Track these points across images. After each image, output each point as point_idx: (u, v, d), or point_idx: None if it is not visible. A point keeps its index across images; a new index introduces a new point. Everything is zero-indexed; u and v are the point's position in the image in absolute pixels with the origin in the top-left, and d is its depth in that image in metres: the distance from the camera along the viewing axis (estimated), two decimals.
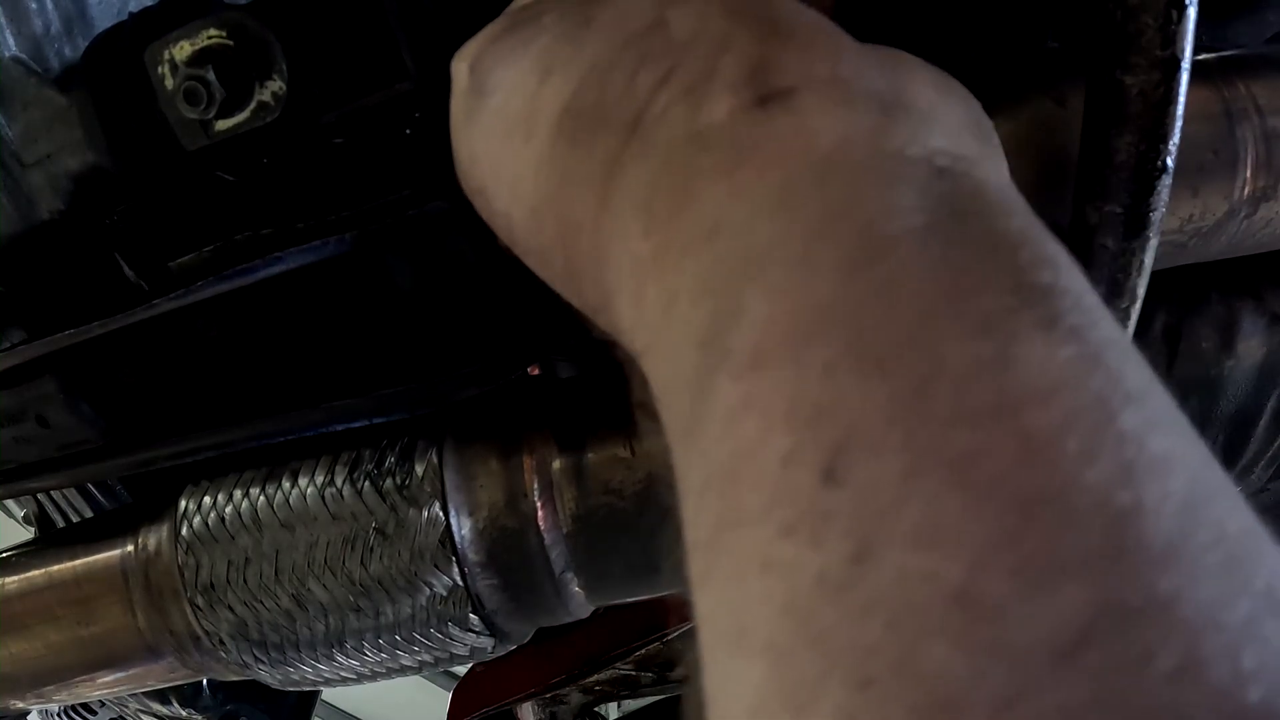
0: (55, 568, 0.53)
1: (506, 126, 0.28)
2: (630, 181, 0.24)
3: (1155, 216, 0.34)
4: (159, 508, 0.51)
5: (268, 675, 0.50)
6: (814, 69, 0.23)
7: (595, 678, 0.84)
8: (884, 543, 0.16)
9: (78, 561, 0.52)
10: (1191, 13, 0.30)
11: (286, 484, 0.47)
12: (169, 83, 0.42)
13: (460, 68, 0.31)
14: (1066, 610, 0.15)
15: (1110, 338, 0.19)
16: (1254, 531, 0.17)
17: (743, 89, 0.23)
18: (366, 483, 0.46)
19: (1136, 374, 0.18)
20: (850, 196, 0.20)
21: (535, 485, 0.46)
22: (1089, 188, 0.35)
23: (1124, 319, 0.37)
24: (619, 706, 0.98)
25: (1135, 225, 0.34)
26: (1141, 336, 0.51)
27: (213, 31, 0.41)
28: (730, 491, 0.18)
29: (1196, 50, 0.32)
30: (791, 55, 0.23)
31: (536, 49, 0.28)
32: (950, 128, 0.23)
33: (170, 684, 0.58)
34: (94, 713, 0.92)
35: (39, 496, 0.68)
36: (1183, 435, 0.18)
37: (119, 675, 0.53)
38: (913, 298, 0.18)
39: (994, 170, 0.23)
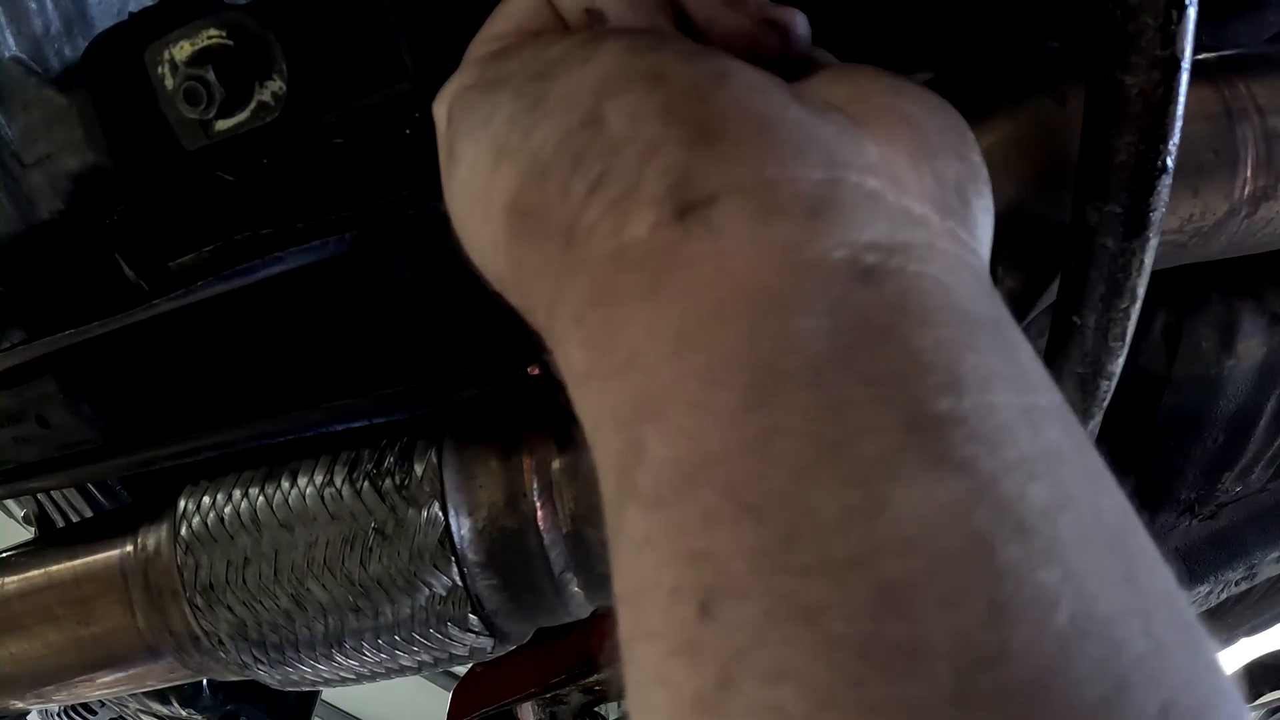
0: (55, 568, 0.53)
1: (470, 201, 0.29)
2: (568, 293, 0.25)
3: (1155, 216, 0.34)
4: (159, 508, 0.51)
5: (267, 675, 0.50)
6: (738, 174, 0.23)
7: (595, 678, 0.84)
8: (743, 675, 0.17)
9: (77, 561, 0.52)
10: (1191, 13, 0.30)
11: (286, 484, 0.47)
12: (169, 83, 0.42)
13: (440, 113, 0.32)
14: None
15: (1014, 459, 0.19)
16: (1160, 644, 0.17)
17: (664, 202, 0.23)
18: (366, 483, 0.46)
19: (1041, 493, 0.18)
20: (751, 333, 0.21)
21: (535, 485, 0.46)
22: (1089, 188, 0.35)
23: (1124, 319, 0.37)
24: (619, 706, 0.98)
25: (1135, 225, 0.34)
26: (1141, 337, 0.51)
27: (213, 31, 0.41)
28: (636, 610, 0.20)
29: (1196, 50, 0.32)
30: (716, 161, 0.23)
31: (492, 129, 0.28)
32: (900, 202, 0.23)
33: (170, 684, 0.58)
34: (94, 713, 0.92)
35: (39, 496, 0.68)
36: (1090, 548, 0.18)
37: (119, 675, 0.53)
38: (791, 447, 0.19)
39: (941, 254, 0.23)
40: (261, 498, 0.47)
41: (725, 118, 0.24)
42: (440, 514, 0.45)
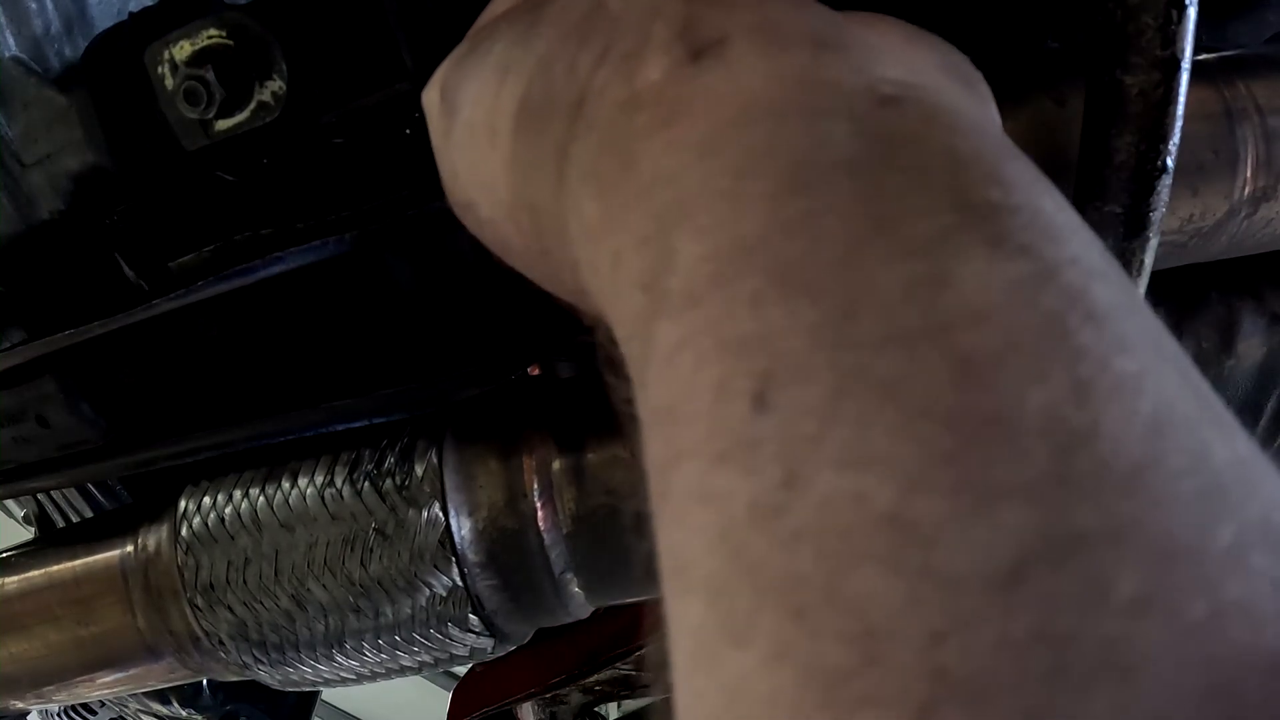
0: (55, 568, 0.53)
1: (476, 135, 0.29)
2: (578, 155, 0.24)
3: (1155, 216, 0.34)
4: (159, 508, 0.51)
5: (267, 676, 0.50)
6: (742, 16, 0.23)
7: (595, 678, 0.84)
8: (812, 467, 0.15)
9: (77, 562, 0.52)
10: (1191, 13, 0.30)
11: (286, 484, 0.47)
12: (169, 83, 0.42)
13: (431, 95, 0.32)
14: (1004, 536, 0.14)
15: (1072, 255, 0.18)
16: (1247, 461, 0.16)
17: (674, 48, 0.23)
18: (366, 483, 0.46)
19: (1106, 293, 0.17)
20: (778, 133, 0.20)
21: (535, 485, 0.46)
22: (1089, 188, 0.35)
23: None
24: (619, 706, 0.98)
25: (1135, 225, 0.34)
26: None
27: (213, 31, 0.41)
28: (671, 428, 0.18)
29: (1196, 50, 0.32)
30: (719, 7, 0.23)
31: (493, 58, 0.28)
32: (906, 61, 0.23)
33: (170, 684, 0.58)
34: (94, 713, 0.92)
35: (39, 496, 0.68)
36: (1161, 357, 0.17)
37: (119, 675, 0.53)
38: (841, 223, 0.18)
39: (958, 98, 0.22)
40: (262, 498, 0.47)
41: None
42: (440, 514, 0.45)
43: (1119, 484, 0.14)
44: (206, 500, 0.49)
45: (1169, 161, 0.33)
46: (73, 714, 0.93)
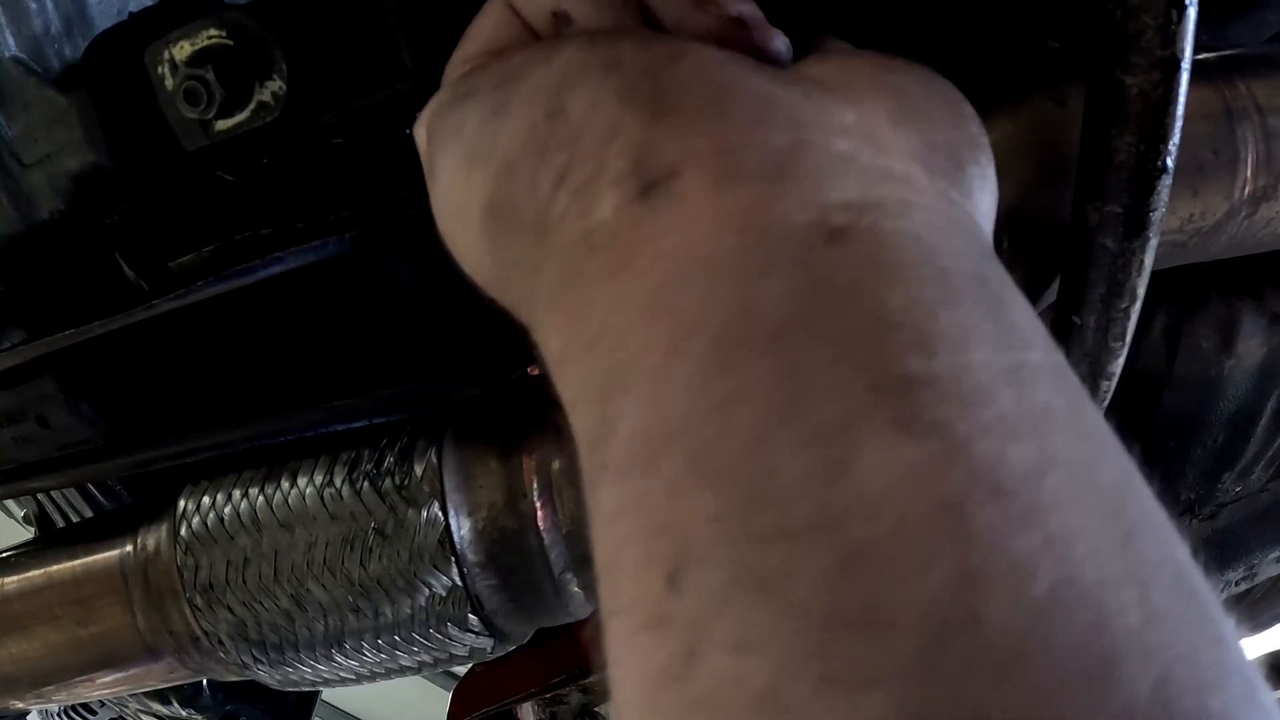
0: (55, 568, 0.53)
1: (452, 211, 0.30)
2: (542, 282, 0.25)
3: (1155, 216, 0.34)
4: (158, 508, 0.51)
5: (267, 676, 0.50)
6: (695, 145, 0.23)
7: (595, 678, 0.84)
8: (707, 645, 0.17)
9: (77, 562, 0.52)
10: (1191, 13, 0.30)
11: (286, 484, 0.47)
12: (169, 83, 0.42)
13: (420, 134, 0.32)
14: (864, 718, 0.15)
15: (992, 419, 0.18)
16: (1159, 617, 0.16)
17: (626, 181, 0.23)
18: (366, 483, 0.46)
19: (1024, 456, 0.18)
20: (709, 300, 0.20)
21: (535, 485, 0.46)
22: (1089, 188, 0.35)
23: (1124, 319, 0.37)
24: None
25: (1135, 225, 0.34)
26: (1141, 337, 0.51)
27: (213, 31, 0.41)
28: (610, 587, 0.20)
29: (1196, 50, 0.32)
30: (673, 134, 0.23)
31: (463, 138, 0.29)
32: (876, 160, 0.23)
33: (170, 684, 0.58)
34: (94, 713, 0.92)
35: (39, 496, 0.68)
36: (1084, 508, 0.17)
37: (118, 675, 0.53)
38: (755, 411, 0.19)
39: (925, 206, 0.22)
40: (261, 498, 0.47)
41: (681, 92, 0.24)
42: (440, 514, 0.45)
43: (991, 671, 0.15)
44: (206, 500, 0.49)
45: (1169, 161, 0.33)
46: (73, 714, 0.93)
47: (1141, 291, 0.37)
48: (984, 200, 0.27)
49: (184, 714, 0.77)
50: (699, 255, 0.21)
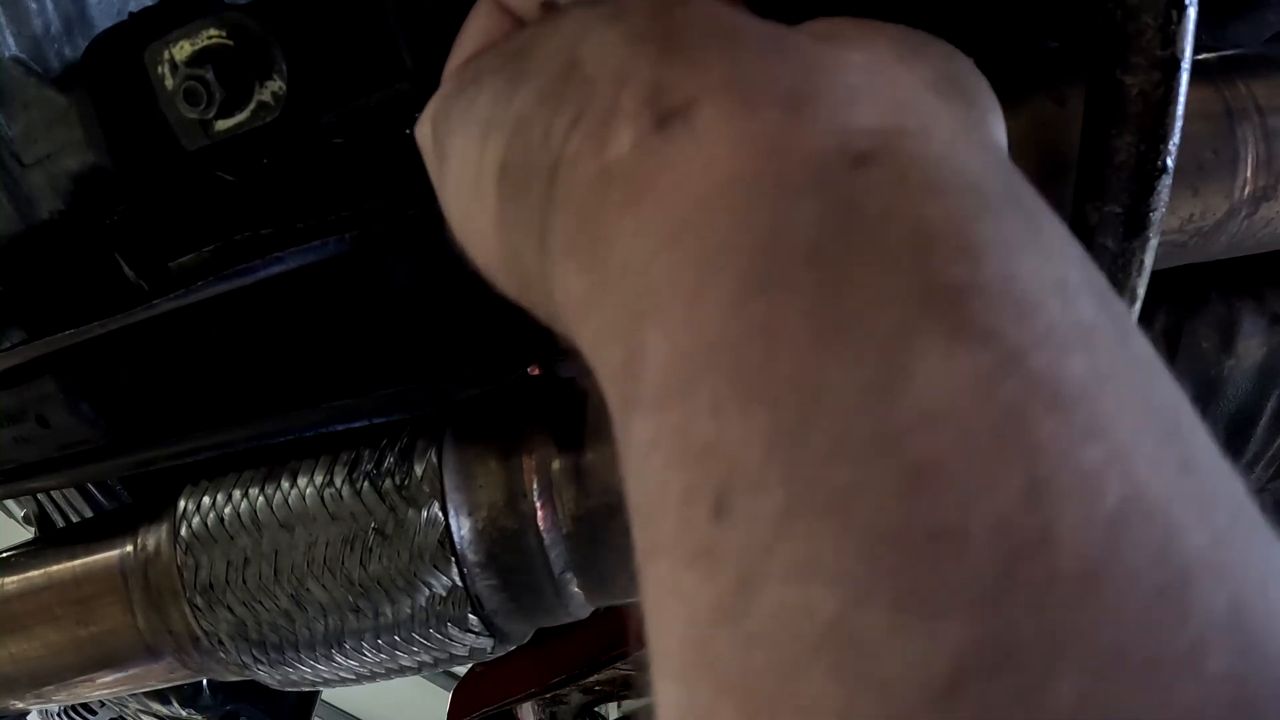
0: (55, 568, 0.53)
1: (465, 190, 0.29)
2: (557, 227, 0.25)
3: (1155, 216, 0.34)
4: (158, 508, 0.51)
5: (267, 676, 0.50)
6: (711, 76, 0.22)
7: (595, 678, 0.84)
8: (764, 576, 0.16)
9: (77, 562, 0.52)
10: (1191, 13, 0.30)
11: (286, 484, 0.47)
12: (169, 83, 0.42)
13: (424, 131, 0.32)
14: (941, 647, 0.14)
15: (1045, 329, 0.17)
16: (1224, 539, 0.15)
17: (642, 116, 0.23)
18: (366, 483, 0.46)
19: (1080, 367, 0.17)
20: (742, 219, 0.20)
21: (535, 485, 0.46)
22: (1089, 188, 0.35)
23: None
24: (619, 706, 0.98)
25: (1135, 225, 0.34)
26: None
27: (213, 31, 0.41)
28: (647, 524, 0.19)
29: (1196, 50, 0.32)
30: (686, 68, 0.23)
31: (477, 112, 0.28)
32: (891, 91, 0.22)
33: (170, 684, 0.58)
34: (94, 713, 0.92)
35: (39, 496, 0.68)
36: (1141, 427, 0.16)
37: (118, 675, 0.53)
38: (800, 325, 0.18)
39: (947, 129, 0.22)
40: (261, 498, 0.47)
41: (690, 30, 0.24)
42: (440, 514, 0.45)
43: (1067, 591, 0.14)
44: (206, 500, 0.49)
45: (1169, 161, 0.33)
46: (73, 714, 0.93)
47: (1142, 291, 0.37)
48: (999, 130, 0.27)
49: (184, 714, 0.77)
50: (723, 178, 0.20)
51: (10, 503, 0.74)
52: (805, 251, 0.19)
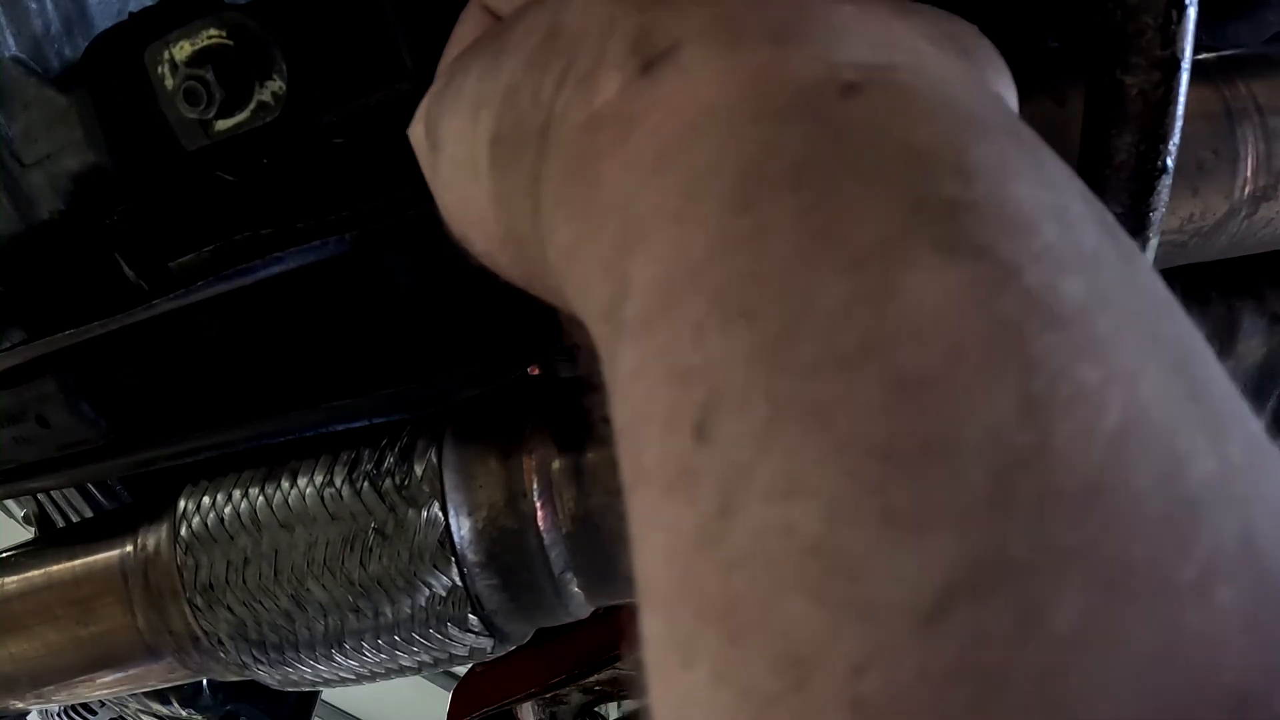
0: (55, 568, 0.53)
1: (460, 172, 0.29)
2: (547, 181, 0.24)
3: (1155, 216, 0.34)
4: (158, 508, 0.51)
5: (267, 676, 0.50)
6: (695, 19, 0.22)
7: (595, 678, 0.84)
8: (745, 497, 0.15)
9: (77, 561, 0.52)
10: (1191, 13, 0.30)
11: (286, 484, 0.47)
12: (169, 83, 0.42)
13: (417, 130, 0.32)
14: (930, 565, 0.13)
15: (1041, 247, 0.16)
16: (1237, 468, 0.15)
17: (628, 61, 0.22)
18: (365, 483, 0.46)
19: (1077, 287, 0.16)
20: (726, 144, 0.19)
21: (535, 485, 0.46)
22: (1089, 188, 0.35)
23: None
24: (619, 706, 0.98)
25: (1135, 225, 0.34)
26: None
27: (213, 31, 0.41)
28: (631, 454, 0.19)
29: (1196, 50, 0.32)
30: (671, 13, 0.23)
31: (466, 93, 0.28)
32: (880, 36, 0.22)
33: (170, 684, 0.58)
34: (94, 713, 0.92)
35: (39, 496, 0.68)
36: (1144, 351, 0.16)
37: (118, 675, 0.53)
38: (784, 240, 0.17)
39: (941, 68, 0.21)
40: (261, 498, 0.47)
41: None
42: (440, 514, 0.45)
43: (1066, 509, 0.14)
44: (206, 500, 0.49)
45: (1169, 161, 0.33)
46: (73, 714, 0.93)
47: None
48: (1004, 86, 0.26)
49: (184, 714, 0.77)
50: (708, 107, 0.20)
51: (10, 503, 0.74)
52: (791, 171, 0.18)
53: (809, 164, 0.18)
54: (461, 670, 0.83)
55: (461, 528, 0.46)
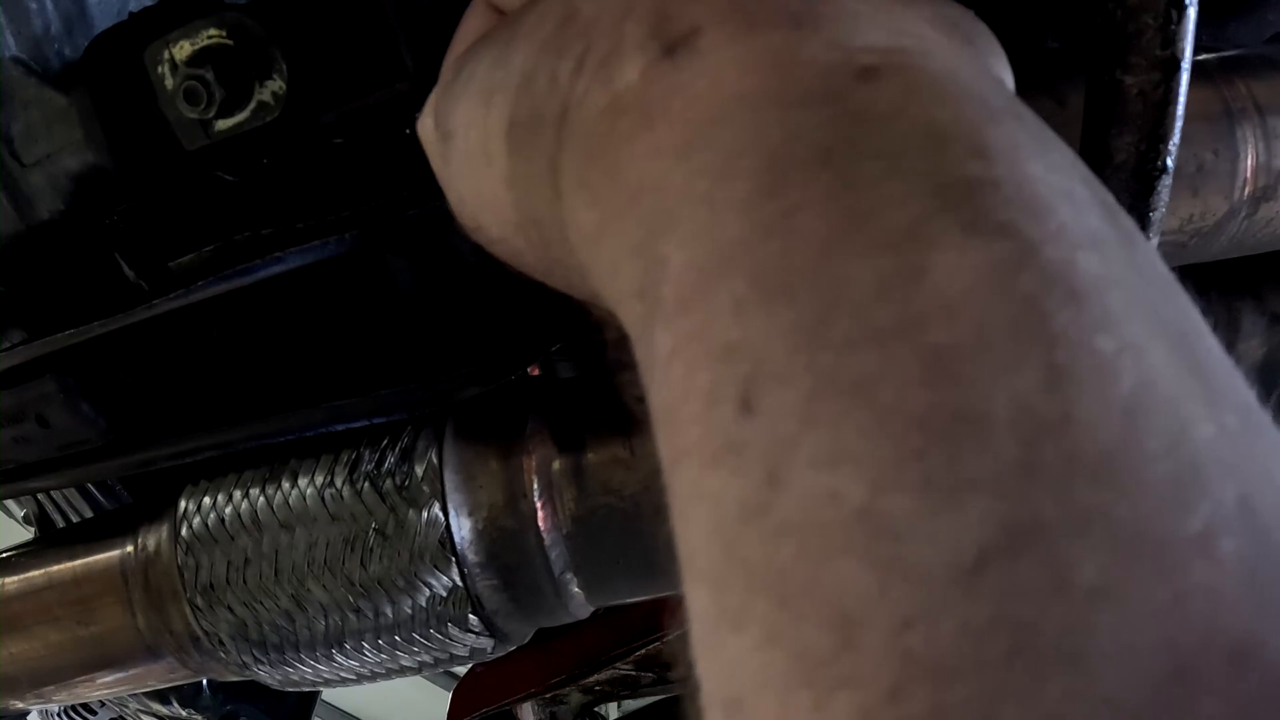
0: (55, 568, 0.53)
1: (473, 160, 0.29)
2: (568, 165, 0.25)
3: (1155, 216, 0.34)
4: (159, 508, 0.51)
5: (267, 676, 0.50)
6: (713, 3, 0.23)
7: (595, 678, 0.84)
8: (791, 466, 0.16)
9: (77, 562, 0.52)
10: (1191, 13, 0.30)
11: (286, 484, 0.47)
12: (169, 82, 0.42)
13: (426, 123, 0.32)
14: (968, 528, 0.15)
15: (1057, 227, 0.17)
16: (1233, 434, 0.16)
17: (648, 45, 0.23)
18: (366, 483, 0.46)
19: (1092, 264, 0.17)
20: (752, 128, 0.20)
21: (535, 486, 0.46)
22: None
23: None
24: (619, 706, 0.99)
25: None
26: None
27: (212, 31, 0.41)
28: (672, 430, 0.19)
29: (1196, 50, 0.32)
30: None
31: (478, 81, 0.29)
32: (891, 20, 0.23)
33: (170, 684, 0.58)
34: (94, 713, 0.92)
35: (39, 496, 0.68)
36: (1149, 326, 0.17)
37: (118, 675, 0.53)
38: (816, 221, 0.18)
39: (948, 56, 0.22)
40: (262, 498, 0.47)
41: None
42: (440, 514, 0.45)
43: (1087, 473, 0.15)
44: (206, 500, 0.49)
45: (1169, 161, 0.33)
46: (73, 714, 0.93)
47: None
48: (1002, 70, 0.27)
49: (184, 714, 0.77)
50: (732, 94, 0.21)
51: (10, 503, 0.74)
52: (817, 155, 0.19)
53: (833, 148, 0.19)
54: (461, 670, 0.83)
55: (462, 528, 0.46)
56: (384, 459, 0.47)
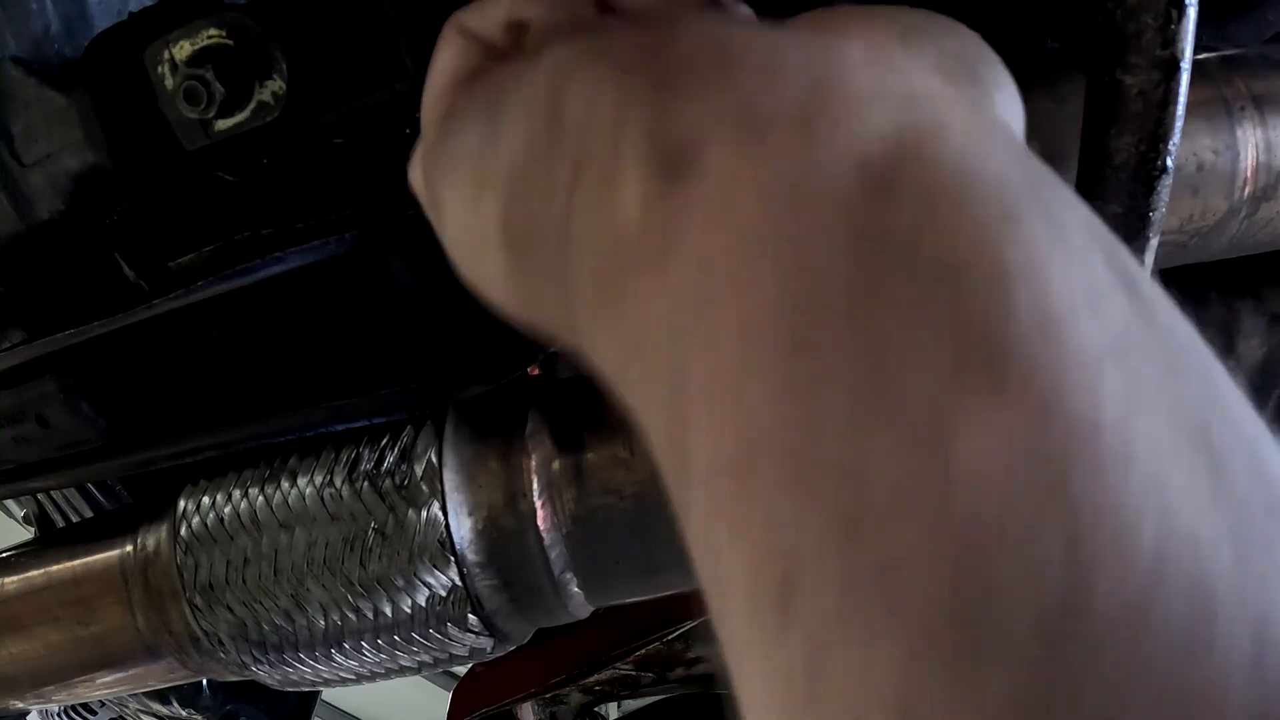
0: (55, 568, 0.53)
1: (465, 239, 0.29)
2: (581, 293, 0.24)
3: (1155, 216, 0.34)
4: (158, 508, 0.51)
5: (267, 676, 0.50)
6: (713, 107, 0.22)
7: (595, 678, 0.84)
8: (826, 669, 0.17)
9: (77, 562, 0.52)
10: (1191, 13, 0.30)
11: (285, 484, 0.47)
12: (169, 82, 0.42)
13: (415, 177, 0.32)
14: (987, 712, 0.15)
15: (1081, 353, 0.17)
16: (1248, 555, 0.16)
17: (647, 163, 0.22)
18: (365, 483, 0.46)
19: (1117, 391, 0.17)
20: (770, 282, 0.19)
21: (535, 485, 0.46)
22: (1089, 188, 0.35)
23: None
24: (619, 706, 0.99)
25: (1135, 225, 0.34)
26: None
27: (213, 31, 0.41)
28: (715, 594, 0.20)
29: (1196, 50, 0.32)
30: (684, 103, 0.22)
31: (464, 164, 0.28)
32: (900, 85, 0.22)
33: (170, 684, 0.58)
34: (94, 713, 0.92)
35: (39, 496, 0.68)
36: (1169, 452, 0.17)
37: (118, 675, 0.53)
38: (841, 399, 0.18)
39: (960, 126, 0.21)
40: (261, 498, 0.47)
41: (681, 60, 0.23)
42: (440, 514, 0.45)
43: (1104, 645, 0.15)
44: (206, 500, 0.49)
45: (1169, 161, 0.33)
46: (73, 714, 0.93)
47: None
48: (1009, 106, 0.26)
49: (184, 714, 0.77)
50: (744, 231, 0.20)
51: (10, 503, 0.74)
52: (839, 306, 0.19)
53: (855, 292, 0.19)
54: (461, 670, 0.83)
55: (461, 528, 0.46)
56: (383, 459, 0.47)
